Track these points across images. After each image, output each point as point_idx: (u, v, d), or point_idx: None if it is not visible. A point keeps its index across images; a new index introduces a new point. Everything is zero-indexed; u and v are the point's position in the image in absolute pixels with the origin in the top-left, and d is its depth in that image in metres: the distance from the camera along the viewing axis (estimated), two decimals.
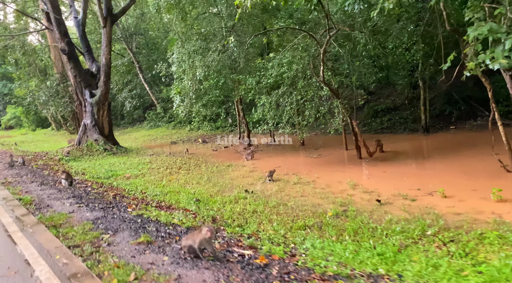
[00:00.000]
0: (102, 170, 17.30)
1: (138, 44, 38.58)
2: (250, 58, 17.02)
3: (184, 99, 17.16)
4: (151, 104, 43.18)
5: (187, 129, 31.75)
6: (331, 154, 16.06)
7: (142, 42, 39.42)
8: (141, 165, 18.43)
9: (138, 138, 31.85)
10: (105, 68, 23.07)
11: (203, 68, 16.06)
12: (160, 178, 15.01)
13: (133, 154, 22.63)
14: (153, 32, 40.34)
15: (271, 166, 15.15)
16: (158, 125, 36.69)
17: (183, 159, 19.22)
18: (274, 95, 13.39)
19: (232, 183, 13.08)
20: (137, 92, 39.78)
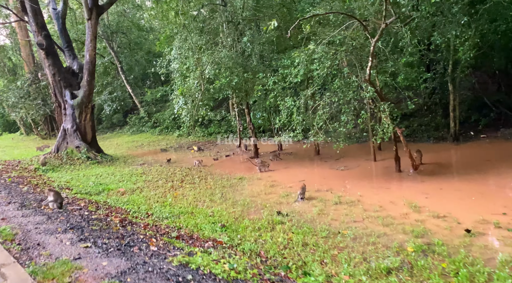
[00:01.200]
0: (89, 182, 14.78)
1: (120, 43, 35.79)
2: (265, 54, 14.92)
3: (188, 101, 14.86)
4: (132, 108, 40.29)
5: (175, 135, 29.25)
6: (359, 166, 14.15)
7: (124, 41, 36.65)
8: (134, 176, 16.00)
9: (121, 144, 29.08)
10: (89, 66, 20.44)
11: (213, 65, 13.86)
12: (163, 194, 12.72)
13: (120, 163, 20.05)
14: (136, 31, 37.60)
15: (291, 179, 13.17)
16: (142, 131, 33.94)
17: (181, 169, 16.88)
18: (302, 97, 11.34)
19: (255, 201, 10.95)
20: (117, 95, 36.85)
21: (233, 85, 13.99)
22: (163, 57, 16.89)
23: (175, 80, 16.22)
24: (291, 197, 10.92)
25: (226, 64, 14.06)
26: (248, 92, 15.31)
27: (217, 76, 14.06)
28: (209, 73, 13.92)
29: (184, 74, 15.20)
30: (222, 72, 13.87)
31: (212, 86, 14.47)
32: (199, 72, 14.06)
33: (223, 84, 13.76)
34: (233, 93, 15.44)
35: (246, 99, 15.83)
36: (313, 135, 11.15)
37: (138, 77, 38.41)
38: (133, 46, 37.49)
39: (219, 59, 13.98)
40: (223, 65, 14.09)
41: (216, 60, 13.97)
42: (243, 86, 14.59)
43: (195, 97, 14.51)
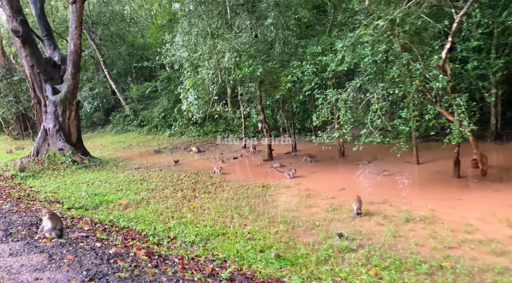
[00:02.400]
0: (81, 193, 12.41)
1: (102, 35, 32.89)
2: (290, 41, 12.75)
3: (200, 95, 12.62)
4: (114, 105, 37.46)
5: (166, 135, 26.78)
6: (402, 170, 12.30)
7: (105, 33, 33.77)
8: (132, 184, 13.71)
9: (106, 145, 26.44)
10: (74, 56, 17.85)
11: (232, 52, 11.69)
12: (176, 206, 10.57)
13: (111, 167, 17.60)
14: (119, 22, 34.71)
15: (328, 188, 11.23)
16: (127, 130, 31.24)
17: (187, 174, 14.66)
18: (350, 89, 9.34)
19: (298, 217, 8.94)
20: (99, 92, 33.98)
21: (257, 76, 11.86)
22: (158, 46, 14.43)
23: (184, 71, 13.92)
24: (342, 212, 8.95)
25: (247, 51, 11.90)
26: (273, 84, 13.17)
27: (238, 65, 11.88)
28: (229, 62, 11.72)
29: (196, 63, 12.96)
30: (243, 61, 11.70)
31: (232, 78, 12.27)
32: (215, 61, 11.87)
33: (245, 75, 11.59)
34: (257, 86, 13.24)
35: (272, 92, 13.67)
36: (366, 136, 9.17)
37: (121, 72, 35.57)
38: (115, 39, 34.64)
39: (239, 46, 11.81)
40: (243, 53, 11.93)
41: (235, 46, 11.80)
42: (267, 77, 12.46)
43: (208, 91, 12.27)
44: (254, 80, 12.64)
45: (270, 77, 12.47)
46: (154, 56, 35.31)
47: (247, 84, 12.64)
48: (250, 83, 12.46)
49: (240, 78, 11.82)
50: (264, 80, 12.81)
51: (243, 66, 11.49)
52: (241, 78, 11.83)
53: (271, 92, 13.72)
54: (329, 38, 11.89)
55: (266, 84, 13.22)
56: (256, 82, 12.72)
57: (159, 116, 28.39)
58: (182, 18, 14.01)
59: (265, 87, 13.66)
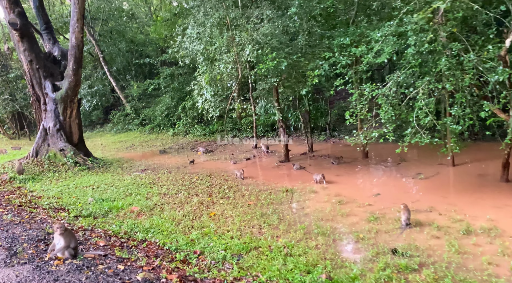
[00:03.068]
0: (86, 198, 11.40)
1: (101, 30, 31.71)
2: (315, 31, 11.67)
3: (218, 91, 11.60)
4: (114, 104, 36.31)
5: (169, 134, 25.69)
6: (438, 173, 11.35)
7: (105, 28, 32.58)
8: (142, 187, 12.70)
9: (107, 145, 25.33)
10: (75, 51, 16.74)
11: (254, 44, 10.66)
12: (194, 214, 9.60)
13: (115, 168, 16.55)
14: (118, 17, 33.54)
15: (361, 193, 10.31)
16: (128, 129, 30.12)
17: (199, 177, 13.66)
18: (392, 84, 8.34)
19: (336, 228, 7.98)
20: (98, 89, 32.79)
21: (281, 70, 10.84)
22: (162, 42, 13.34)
23: (198, 66, 12.87)
24: (387, 222, 7.98)
25: (270, 44, 10.88)
26: (298, 79, 12.14)
27: (260, 58, 10.86)
28: (251, 55, 10.69)
29: (212, 57, 11.92)
30: (265, 54, 10.67)
31: (254, 72, 11.23)
32: (235, 53, 10.86)
33: (268, 69, 10.56)
34: (281, 80, 12.16)
35: (297, 88, 12.62)
36: (412, 135, 8.19)
37: (120, 69, 34.40)
38: (114, 35, 33.42)
39: (260, 37, 10.78)
40: (265, 45, 10.91)
41: (256, 38, 10.78)
42: (292, 71, 11.43)
43: (226, 87, 11.24)
44: (277, 75, 11.61)
45: (295, 71, 11.44)
46: (156, 53, 34.40)
47: (269, 80, 11.59)
48: (273, 79, 11.41)
49: (262, 72, 10.79)
50: (290, 75, 11.76)
51: (266, 60, 10.47)
52: (263, 72, 10.80)
53: (295, 87, 12.66)
54: (358, 29, 10.91)
55: (291, 79, 12.18)
56: (279, 77, 11.69)
57: (162, 115, 27.31)
58: (195, 8, 12.97)
59: (289, 83, 12.64)
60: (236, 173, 12.68)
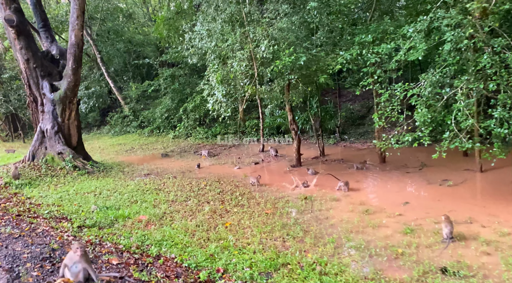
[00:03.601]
0: (89, 205, 10.63)
1: (99, 30, 30.87)
2: (335, 27, 10.93)
3: (231, 91, 10.88)
4: (111, 106, 35.44)
5: (170, 137, 24.89)
6: (466, 179, 10.68)
7: (102, 28, 31.75)
8: (147, 193, 11.94)
9: (106, 148, 24.48)
10: (75, 49, 15.94)
11: (269, 40, 9.95)
12: (208, 224, 8.92)
13: (117, 173, 15.76)
14: (116, 17, 32.75)
15: (387, 201, 9.64)
16: (127, 132, 29.27)
17: (208, 182, 12.94)
18: (427, 83, 7.66)
19: (368, 240, 7.29)
20: (95, 90, 31.93)
21: (299, 65, 10.13)
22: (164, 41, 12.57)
23: (210, 64, 12.12)
24: (425, 235, 7.29)
25: (286, 39, 10.19)
26: (317, 73, 11.39)
27: (276, 54, 10.13)
28: (267, 51, 9.96)
29: (224, 55, 11.20)
30: (282, 49, 9.96)
31: (270, 69, 10.50)
32: (250, 50, 10.15)
33: (285, 66, 9.83)
34: (299, 78, 11.39)
35: (314, 86, 11.93)
36: (450, 140, 7.52)
37: (118, 70, 33.57)
38: (112, 35, 32.56)
39: (277, 33, 10.08)
40: (281, 41, 10.21)
41: (272, 33, 10.07)
42: (312, 66, 10.70)
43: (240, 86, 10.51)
44: (295, 72, 10.87)
45: (315, 65, 10.71)
46: (154, 53, 33.63)
47: (286, 77, 10.84)
48: (290, 75, 10.66)
49: (279, 69, 10.06)
50: (308, 69, 11.00)
51: (283, 56, 9.76)
52: (280, 69, 10.07)
53: (314, 85, 11.91)
54: (381, 25, 10.25)
55: (310, 73, 11.39)
56: (298, 73, 10.95)
57: (162, 117, 26.50)
58: (204, 4, 12.24)
59: (308, 79, 11.90)
60: (252, 180, 11.91)
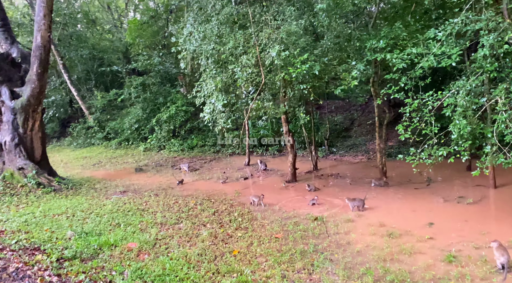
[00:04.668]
0: (64, 231, 9.12)
1: (61, 35, 28.69)
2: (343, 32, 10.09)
3: (232, 100, 9.75)
4: (71, 116, 33.02)
5: (140, 149, 23.13)
6: (484, 196, 10.02)
7: (65, 33, 29.60)
8: (129, 215, 10.53)
9: (69, 162, 22.35)
10: (41, 52, 14.22)
11: (280, 44, 8.92)
12: (212, 252, 7.72)
13: (88, 190, 14.10)
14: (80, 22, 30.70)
15: (404, 221, 8.92)
16: (91, 144, 27.12)
17: (198, 201, 11.67)
18: (463, 92, 6.91)
19: (409, 271, 6.34)
20: (55, 100, 29.59)
21: (313, 74, 9.19)
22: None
23: (206, 69, 10.90)
24: (473, 263, 6.45)
25: (297, 44, 9.26)
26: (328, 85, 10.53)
27: (287, 61, 9.12)
28: (278, 57, 8.93)
29: (224, 59, 10.08)
30: (294, 56, 8.97)
31: (280, 77, 9.43)
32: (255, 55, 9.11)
33: (299, 74, 8.85)
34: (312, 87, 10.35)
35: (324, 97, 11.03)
36: (492, 155, 6.80)
37: (81, 78, 31.38)
38: (74, 40, 30.38)
39: (285, 37, 9.12)
40: (291, 46, 9.26)
41: (282, 37, 9.09)
42: (324, 76, 9.79)
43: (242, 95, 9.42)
44: (307, 81, 9.93)
45: (327, 75, 9.82)
46: (122, 61, 31.79)
47: (297, 86, 9.85)
48: (301, 85, 9.68)
49: (293, 77, 9.06)
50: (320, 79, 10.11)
51: (296, 62, 8.80)
52: (293, 77, 9.08)
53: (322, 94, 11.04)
54: (394, 30, 9.57)
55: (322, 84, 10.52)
56: (310, 83, 10.00)
57: (131, 128, 24.72)
58: (194, 3, 11.09)
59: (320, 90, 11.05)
60: (253, 200, 10.69)
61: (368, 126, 19.91)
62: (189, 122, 23.24)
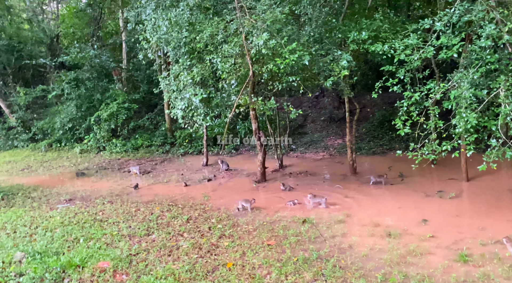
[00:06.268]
0: (9, 253, 7.56)
1: None
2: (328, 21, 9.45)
3: (211, 95, 8.69)
4: None
5: (76, 151, 20.78)
6: (462, 191, 10.01)
7: None
8: (86, 227, 9.16)
9: None
10: None
11: (267, 32, 8.02)
12: (201, 267, 6.86)
13: (23, 200, 12.18)
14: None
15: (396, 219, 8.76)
16: (14, 146, 23.90)
17: (162, 207, 10.49)
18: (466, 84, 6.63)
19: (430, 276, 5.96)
20: None
21: (302, 66, 8.47)
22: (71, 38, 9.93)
23: (180, 59, 9.64)
24: (487, 261, 6.24)
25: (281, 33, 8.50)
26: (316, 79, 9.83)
27: (275, 50, 8.29)
28: (265, 45, 8.06)
29: (202, 48, 8.97)
30: (282, 45, 8.17)
31: (266, 68, 8.53)
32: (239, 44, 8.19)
33: (287, 66, 8.07)
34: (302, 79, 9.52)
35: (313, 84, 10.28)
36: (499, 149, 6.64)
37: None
38: None
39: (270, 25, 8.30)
40: (276, 35, 8.46)
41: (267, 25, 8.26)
42: (314, 66, 9.06)
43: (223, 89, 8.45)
44: (296, 73, 9.16)
45: (315, 66, 9.13)
46: (45, 53, 28.53)
47: (284, 78, 9.04)
48: (290, 77, 8.89)
49: (281, 69, 8.25)
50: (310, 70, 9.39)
51: (284, 52, 8.04)
52: (282, 69, 8.27)
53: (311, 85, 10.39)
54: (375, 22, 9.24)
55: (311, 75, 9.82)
56: (300, 75, 9.25)
57: (64, 128, 22.18)
58: None
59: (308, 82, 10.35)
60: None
61: (322, 123, 19.89)
62: (132, 121, 21.45)
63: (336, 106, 20.91)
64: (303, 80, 9.76)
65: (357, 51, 9.75)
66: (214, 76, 9.82)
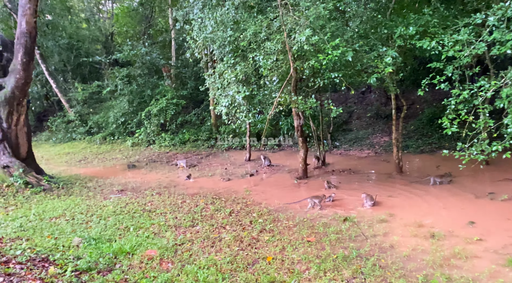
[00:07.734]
0: (68, 237, 8.20)
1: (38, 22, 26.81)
2: (373, 17, 9.42)
3: (254, 92, 8.95)
4: (47, 109, 31.34)
5: (127, 145, 21.98)
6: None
7: (41, 20, 27.75)
8: (136, 217, 9.67)
9: (51, 158, 20.95)
10: (26, 39, 12.97)
11: (306, 27, 8.11)
12: (242, 258, 7.09)
13: (80, 189, 13.05)
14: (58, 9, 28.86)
15: (440, 220, 8.49)
16: (72, 139, 25.66)
17: (207, 200, 10.89)
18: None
19: (476, 280, 5.82)
20: (31, 92, 27.81)
21: (345, 62, 8.51)
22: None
23: (225, 57, 10.03)
24: None
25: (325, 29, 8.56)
26: (360, 76, 9.83)
27: (317, 46, 8.39)
28: (307, 41, 8.16)
29: (246, 47, 9.25)
30: (325, 41, 8.23)
31: (308, 65, 8.68)
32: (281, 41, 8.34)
33: (329, 62, 8.14)
34: (345, 75, 9.59)
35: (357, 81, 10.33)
36: None
37: (58, 69, 29.63)
38: (50, 28, 28.54)
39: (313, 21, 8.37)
40: (319, 31, 8.53)
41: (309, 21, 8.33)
42: (357, 62, 9.07)
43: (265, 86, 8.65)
44: (339, 69, 9.22)
45: (359, 62, 9.12)
46: (101, 51, 30.21)
47: (327, 75, 9.12)
48: (333, 73, 8.93)
49: (324, 65, 8.31)
50: (354, 67, 9.38)
51: (327, 48, 8.09)
52: (325, 65, 8.34)
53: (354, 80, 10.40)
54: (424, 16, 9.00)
55: (354, 72, 9.81)
56: (342, 71, 9.28)
57: (117, 122, 23.46)
58: None
59: (352, 79, 10.38)
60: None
61: (368, 119, 19.55)
62: (180, 116, 22.25)
63: (383, 102, 20.42)
64: (347, 77, 9.67)
65: (404, 47, 9.54)
66: (257, 74, 10.04)
